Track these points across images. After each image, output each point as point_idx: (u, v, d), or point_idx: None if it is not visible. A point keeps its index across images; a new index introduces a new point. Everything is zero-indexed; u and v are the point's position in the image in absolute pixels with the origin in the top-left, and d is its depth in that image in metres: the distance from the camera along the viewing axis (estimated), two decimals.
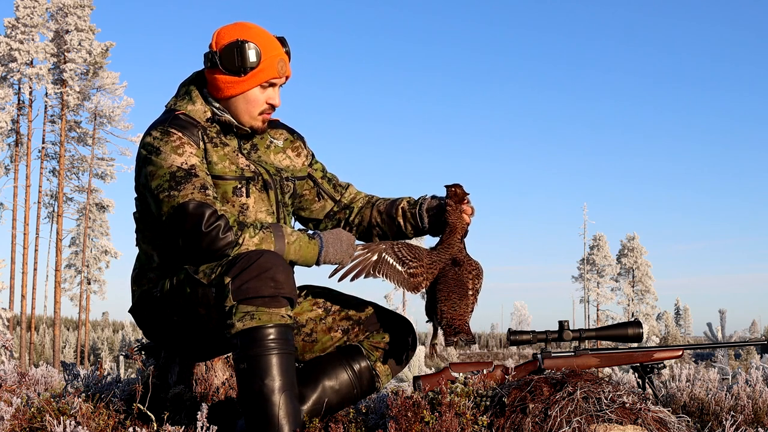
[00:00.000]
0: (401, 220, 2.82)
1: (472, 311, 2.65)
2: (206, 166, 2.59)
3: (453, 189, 2.74)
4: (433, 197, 2.81)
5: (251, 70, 2.59)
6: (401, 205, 2.83)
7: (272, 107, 2.67)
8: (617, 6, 72.90)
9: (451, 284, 2.62)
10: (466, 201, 2.74)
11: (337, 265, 2.60)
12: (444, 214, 2.73)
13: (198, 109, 2.66)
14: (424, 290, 2.66)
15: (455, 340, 2.49)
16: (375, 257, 2.62)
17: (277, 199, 2.71)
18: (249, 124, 2.67)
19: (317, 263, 2.59)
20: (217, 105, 2.66)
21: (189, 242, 2.49)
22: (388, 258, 2.63)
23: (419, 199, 2.83)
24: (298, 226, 2.89)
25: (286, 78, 2.68)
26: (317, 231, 2.62)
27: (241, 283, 2.35)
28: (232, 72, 2.60)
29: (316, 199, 2.88)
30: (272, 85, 2.65)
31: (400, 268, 2.63)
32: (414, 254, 2.65)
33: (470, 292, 2.65)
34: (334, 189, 2.90)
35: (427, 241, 2.87)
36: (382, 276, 2.61)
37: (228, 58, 2.59)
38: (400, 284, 2.62)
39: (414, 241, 2.79)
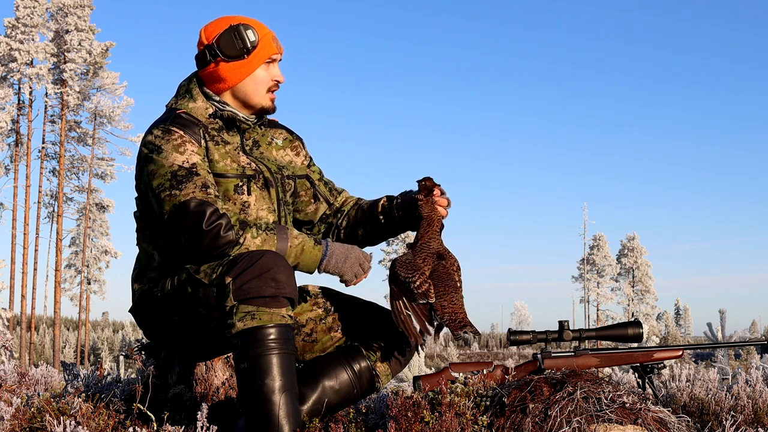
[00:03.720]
0: (381, 217, 2.82)
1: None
2: (208, 165, 2.59)
3: (422, 182, 2.70)
4: (410, 191, 2.80)
5: (254, 50, 2.65)
6: (381, 201, 2.84)
7: (278, 83, 2.72)
8: (617, 6, 72.95)
9: (444, 278, 2.57)
10: (437, 193, 2.69)
11: (337, 276, 2.61)
12: (417, 208, 2.70)
13: (199, 106, 2.67)
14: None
15: (461, 333, 2.46)
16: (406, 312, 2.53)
17: (278, 197, 2.72)
18: (260, 104, 2.71)
19: (318, 270, 2.59)
20: (218, 99, 2.69)
21: (190, 241, 2.49)
22: (404, 308, 2.54)
23: (399, 194, 2.82)
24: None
25: (281, 54, 2.74)
26: (327, 239, 2.62)
27: (242, 283, 2.36)
28: (234, 57, 2.65)
29: (312, 201, 2.88)
30: (273, 61, 2.71)
31: (422, 301, 2.53)
32: (412, 269, 2.57)
33: (459, 285, 2.60)
34: (330, 193, 2.91)
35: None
36: (431, 323, 2.52)
37: (228, 45, 2.64)
38: (426, 314, 2.53)
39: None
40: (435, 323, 2.56)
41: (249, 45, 2.64)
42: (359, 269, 2.61)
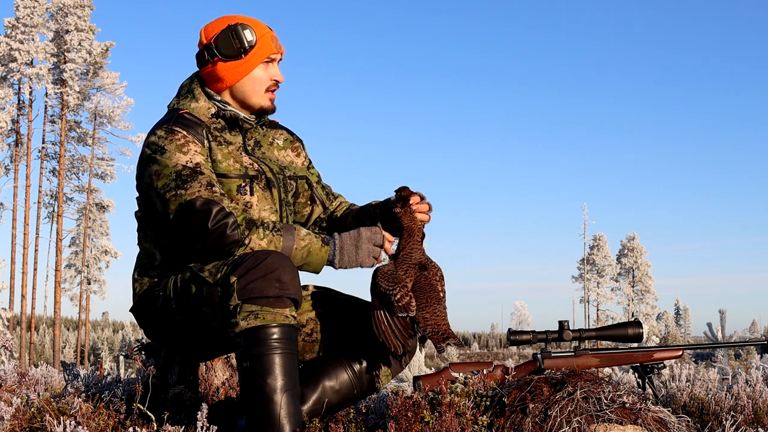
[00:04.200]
0: (368, 222, 2.81)
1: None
2: (211, 165, 2.60)
3: (398, 193, 2.66)
4: (391, 198, 2.78)
5: (251, 50, 2.65)
6: (368, 206, 2.84)
7: (277, 83, 2.72)
8: (617, 6, 72.92)
9: (426, 290, 2.54)
10: (416, 201, 2.65)
11: (357, 268, 2.60)
12: (397, 219, 2.64)
13: (201, 106, 2.68)
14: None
15: (444, 346, 2.45)
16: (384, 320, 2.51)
17: (280, 198, 2.72)
18: (259, 104, 2.71)
19: (334, 268, 2.59)
20: (219, 99, 2.69)
21: (196, 240, 2.50)
22: (385, 320, 2.52)
23: (384, 200, 2.81)
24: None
25: (281, 54, 2.73)
26: (334, 235, 2.61)
27: (247, 283, 2.36)
28: (232, 57, 2.65)
29: (308, 203, 2.88)
30: (271, 60, 2.71)
31: (401, 314, 2.51)
32: (394, 281, 2.54)
33: (442, 295, 2.57)
34: (326, 197, 2.91)
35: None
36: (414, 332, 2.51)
37: (226, 44, 2.65)
38: (407, 326, 2.51)
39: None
40: (417, 335, 2.54)
41: (246, 44, 2.64)
42: (374, 249, 2.61)
